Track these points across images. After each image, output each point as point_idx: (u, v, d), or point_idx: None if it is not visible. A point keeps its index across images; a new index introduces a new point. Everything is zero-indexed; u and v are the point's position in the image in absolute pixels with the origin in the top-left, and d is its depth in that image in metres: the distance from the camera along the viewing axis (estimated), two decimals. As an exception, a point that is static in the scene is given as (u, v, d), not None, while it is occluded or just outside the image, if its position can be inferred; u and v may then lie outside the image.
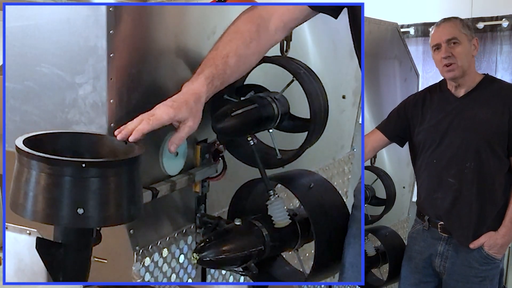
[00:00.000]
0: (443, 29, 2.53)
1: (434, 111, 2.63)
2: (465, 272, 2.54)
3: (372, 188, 2.94)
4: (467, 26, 2.55)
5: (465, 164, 2.49)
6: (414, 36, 4.94)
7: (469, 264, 2.53)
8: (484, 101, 2.51)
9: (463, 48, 2.49)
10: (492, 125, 2.46)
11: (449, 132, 2.54)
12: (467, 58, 2.52)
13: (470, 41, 2.53)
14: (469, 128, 2.50)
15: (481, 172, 2.47)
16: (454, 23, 2.53)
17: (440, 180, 2.58)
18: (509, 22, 4.49)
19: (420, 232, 2.72)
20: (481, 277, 2.52)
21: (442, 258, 2.62)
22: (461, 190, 2.51)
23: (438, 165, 2.58)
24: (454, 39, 2.49)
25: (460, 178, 2.50)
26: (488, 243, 2.48)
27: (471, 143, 2.48)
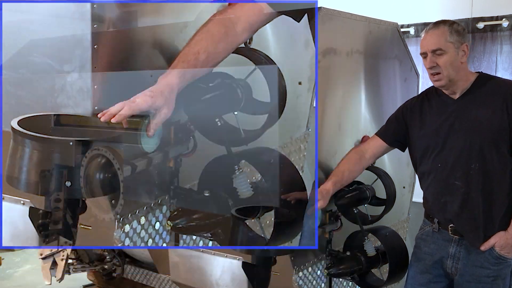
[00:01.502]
0: (430, 38, 2.46)
1: (433, 115, 2.59)
2: (477, 272, 2.51)
3: (372, 188, 2.92)
4: (456, 32, 2.44)
5: (470, 166, 2.46)
6: (414, 36, 4.76)
7: (481, 264, 2.50)
8: (482, 101, 2.47)
9: (448, 57, 2.42)
10: (493, 124, 2.42)
11: (451, 135, 2.51)
12: (453, 67, 2.44)
13: (458, 48, 2.44)
14: (471, 129, 2.46)
15: (486, 172, 2.44)
16: (441, 31, 2.44)
17: (446, 184, 2.55)
18: (509, 22, 4.33)
19: (430, 234, 2.68)
20: (493, 277, 2.49)
21: (454, 260, 2.59)
22: (469, 192, 2.49)
23: (443, 169, 2.55)
24: (438, 50, 2.43)
25: (466, 180, 2.48)
26: (499, 243, 2.45)
27: (474, 144, 2.44)
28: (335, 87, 3.00)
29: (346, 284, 3.26)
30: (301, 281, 2.85)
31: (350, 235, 3.02)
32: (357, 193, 2.90)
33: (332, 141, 3.01)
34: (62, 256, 3.41)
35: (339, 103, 3.06)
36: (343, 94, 3.07)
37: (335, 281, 3.13)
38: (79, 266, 3.86)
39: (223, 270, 3.02)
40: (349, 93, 3.15)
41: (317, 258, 2.99)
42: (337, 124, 3.06)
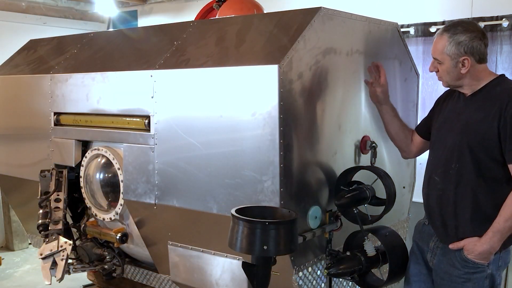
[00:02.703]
0: (433, 45, 2.54)
1: (446, 110, 2.66)
2: (449, 270, 2.57)
3: (372, 188, 2.99)
4: (456, 44, 2.45)
5: (451, 165, 2.52)
6: (414, 36, 4.81)
7: (452, 264, 2.55)
8: (480, 104, 2.49)
9: (445, 67, 2.50)
10: (479, 129, 2.43)
11: (447, 132, 2.58)
12: (451, 75, 2.51)
13: (455, 60, 2.46)
14: (460, 130, 2.50)
15: (463, 175, 2.48)
16: (443, 40, 2.48)
17: (429, 177, 2.64)
18: (509, 22, 4.35)
19: (421, 226, 2.80)
20: (463, 278, 2.52)
21: (432, 254, 2.68)
22: (444, 190, 2.55)
23: (431, 163, 2.66)
24: (436, 59, 2.53)
25: (444, 177, 2.54)
26: (467, 247, 2.48)
27: (459, 145, 2.49)
28: (335, 87, 3.02)
29: (346, 284, 3.27)
30: (301, 281, 2.88)
31: (350, 235, 3.05)
32: (357, 193, 2.93)
33: (332, 141, 3.03)
34: (62, 256, 3.41)
35: (339, 103, 3.08)
36: (343, 94, 3.08)
37: (335, 281, 3.15)
38: (79, 266, 3.86)
39: (223, 270, 3.06)
40: (349, 93, 3.16)
41: (317, 258, 3.01)
42: (337, 124, 3.07)
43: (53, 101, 3.88)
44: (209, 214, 2.96)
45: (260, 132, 2.69)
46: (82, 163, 3.79)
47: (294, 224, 2.39)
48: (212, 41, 3.14)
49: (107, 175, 3.64)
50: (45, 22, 6.81)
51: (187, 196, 3.04)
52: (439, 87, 4.68)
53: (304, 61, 2.76)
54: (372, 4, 4.96)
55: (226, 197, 2.87)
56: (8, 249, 6.43)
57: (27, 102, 4.12)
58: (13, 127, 4.30)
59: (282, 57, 2.63)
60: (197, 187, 2.99)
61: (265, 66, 2.66)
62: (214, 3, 4.28)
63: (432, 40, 2.58)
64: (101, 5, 7.03)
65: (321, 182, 2.96)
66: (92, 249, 3.88)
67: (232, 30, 3.14)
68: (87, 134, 3.70)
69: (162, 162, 3.14)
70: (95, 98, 3.57)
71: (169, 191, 3.13)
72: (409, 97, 3.80)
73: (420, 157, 4.06)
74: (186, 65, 3.05)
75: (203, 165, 2.95)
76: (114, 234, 3.63)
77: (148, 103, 3.20)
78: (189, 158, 3.01)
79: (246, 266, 2.41)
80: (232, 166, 2.83)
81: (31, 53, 4.47)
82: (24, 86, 4.16)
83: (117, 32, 4.31)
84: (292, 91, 2.69)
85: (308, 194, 2.88)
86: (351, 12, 3.12)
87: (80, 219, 4.06)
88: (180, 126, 3.05)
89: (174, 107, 3.09)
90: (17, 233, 6.35)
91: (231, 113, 2.82)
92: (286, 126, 2.65)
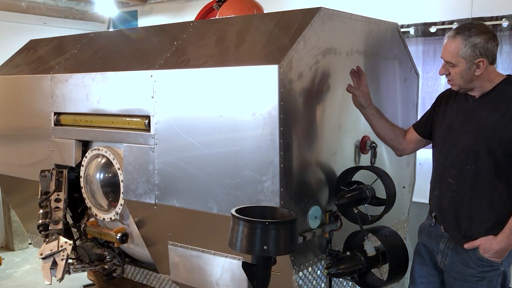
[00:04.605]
0: (445, 48, 2.49)
1: (454, 110, 2.62)
2: (462, 270, 2.56)
3: (372, 188, 2.99)
4: (472, 47, 2.40)
5: (466, 167, 2.49)
6: (414, 36, 4.76)
7: (466, 263, 2.54)
8: (495, 105, 2.45)
9: (459, 70, 2.45)
10: (497, 130, 2.41)
11: (459, 133, 2.54)
12: (464, 78, 2.46)
13: (471, 62, 2.41)
14: (475, 131, 2.47)
15: (479, 176, 2.45)
16: (457, 43, 2.43)
17: (441, 178, 2.61)
18: (509, 22, 4.33)
19: (427, 227, 2.77)
20: (478, 277, 2.52)
21: (443, 255, 2.66)
22: (458, 192, 2.52)
23: (442, 164, 2.61)
24: (449, 62, 2.47)
25: (459, 179, 2.51)
26: (483, 246, 2.47)
27: (474, 146, 2.46)
28: (335, 87, 3.02)
29: (346, 284, 3.27)
30: (301, 281, 2.88)
31: (350, 235, 3.05)
32: (357, 193, 2.94)
33: (332, 141, 3.04)
34: (62, 256, 3.42)
35: (339, 103, 3.08)
36: (343, 94, 3.08)
37: (335, 281, 3.16)
38: (79, 266, 3.87)
39: (223, 270, 3.06)
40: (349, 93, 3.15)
41: (317, 258, 3.01)
42: (337, 124, 3.07)
43: (53, 101, 3.89)
44: (209, 214, 2.96)
45: (260, 132, 2.69)
46: (82, 163, 3.80)
47: (294, 224, 2.38)
48: (212, 41, 3.14)
49: (107, 175, 3.64)
50: (45, 22, 6.82)
51: (187, 196, 3.05)
52: (439, 87, 4.71)
53: (304, 61, 2.76)
54: (372, 4, 4.96)
55: (226, 197, 2.87)
56: (8, 249, 6.43)
57: (27, 102, 4.12)
58: (13, 127, 4.30)
59: (282, 57, 2.64)
60: (197, 187, 2.99)
61: (265, 66, 2.67)
62: (214, 3, 4.29)
63: (432, 40, 2.58)
64: (101, 5, 7.03)
65: (321, 182, 2.97)
66: (92, 249, 3.89)
67: (232, 30, 3.15)
68: (87, 134, 3.71)
69: (162, 162, 3.15)
70: (95, 98, 3.58)
71: (169, 191, 3.13)
72: (409, 97, 3.80)
73: (420, 157, 4.10)
74: (186, 65, 3.06)
75: (203, 165, 2.96)
76: (114, 234, 3.63)
77: (148, 103, 3.20)
78: (189, 158, 3.02)
79: (246, 266, 2.42)
80: (232, 166, 2.83)
81: (31, 53, 4.48)
82: (24, 86, 4.16)
83: (117, 32, 4.31)
84: (292, 91, 2.70)
85: (308, 194, 2.88)
86: (351, 12, 3.12)
87: (80, 219, 4.07)
88: (180, 126, 3.05)
89: (174, 107, 3.09)
90: (17, 233, 6.36)
91: (231, 113, 2.82)
92: (286, 126, 2.65)
